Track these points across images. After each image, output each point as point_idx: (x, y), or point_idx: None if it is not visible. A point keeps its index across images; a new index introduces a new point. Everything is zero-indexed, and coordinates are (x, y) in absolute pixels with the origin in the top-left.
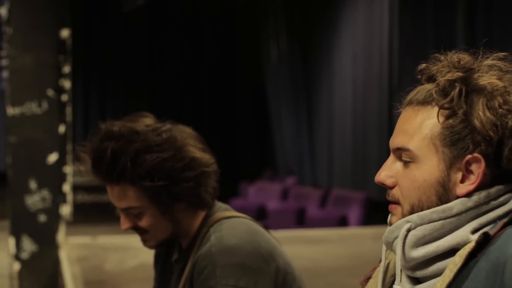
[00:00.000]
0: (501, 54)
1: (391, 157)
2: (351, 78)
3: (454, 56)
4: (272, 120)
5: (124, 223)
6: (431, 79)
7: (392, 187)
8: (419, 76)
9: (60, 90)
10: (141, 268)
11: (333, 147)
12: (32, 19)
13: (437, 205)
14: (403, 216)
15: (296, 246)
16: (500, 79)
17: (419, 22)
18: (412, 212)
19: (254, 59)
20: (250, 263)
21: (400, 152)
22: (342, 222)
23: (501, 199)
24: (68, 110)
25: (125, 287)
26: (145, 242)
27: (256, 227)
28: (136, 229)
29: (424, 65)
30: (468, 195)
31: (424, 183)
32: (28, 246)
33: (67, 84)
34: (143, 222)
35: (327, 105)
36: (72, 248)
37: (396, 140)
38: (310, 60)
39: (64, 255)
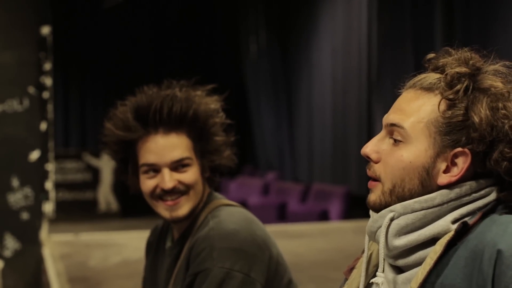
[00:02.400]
0: (508, 63)
1: (382, 133)
2: (330, 73)
3: (466, 54)
4: (252, 116)
5: (171, 180)
6: (438, 69)
7: (376, 162)
8: (426, 65)
9: (41, 88)
10: (124, 264)
11: (313, 142)
12: (12, 16)
13: (418, 189)
14: (383, 193)
15: (278, 240)
16: (504, 84)
17: (397, 17)
18: (392, 191)
19: (233, 54)
20: (246, 248)
21: (393, 128)
22: (323, 216)
23: (482, 192)
24: (50, 107)
25: (109, 283)
26: (179, 208)
27: (252, 216)
28: (173, 191)
29: (433, 54)
30: (450, 186)
31: (409, 165)
32: (11, 244)
33: (48, 81)
34: (190, 176)
35: (307, 100)
36: (55, 245)
37: (392, 116)
38: (289, 55)
39: (47, 253)
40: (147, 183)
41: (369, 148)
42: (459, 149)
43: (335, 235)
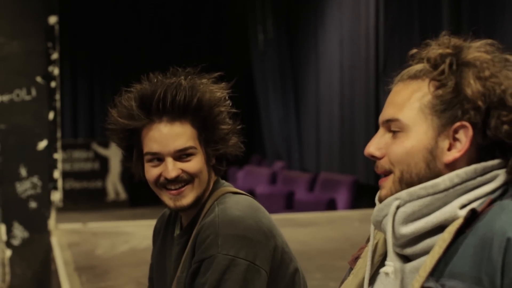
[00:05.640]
0: (489, 41)
1: (380, 131)
2: (338, 63)
3: (444, 38)
4: (259, 105)
5: (173, 170)
6: (421, 60)
7: (381, 158)
8: (410, 62)
9: (49, 77)
10: (132, 252)
11: (321, 131)
12: (19, 6)
13: (425, 172)
14: (393, 183)
15: (285, 229)
16: (487, 53)
17: (405, 6)
18: (401, 179)
19: (241, 44)
20: (251, 236)
21: (389, 123)
22: (330, 205)
23: (488, 176)
24: (57, 96)
25: (116, 272)
26: (182, 197)
27: (258, 204)
28: (177, 180)
29: (415, 50)
30: (456, 168)
31: (412, 149)
32: (19, 232)
33: (55, 70)
34: (193, 166)
35: (314, 90)
36: (63, 234)
37: (385, 113)
38: (297, 45)
39: (55, 241)
40: (151, 172)
41: (372, 147)
42: (458, 123)
43: (342, 224)
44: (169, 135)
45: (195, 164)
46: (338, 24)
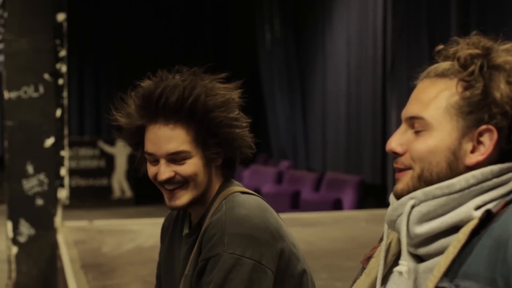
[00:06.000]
0: None
1: (403, 126)
2: (345, 62)
3: (475, 37)
4: (266, 104)
5: (165, 172)
6: (449, 57)
7: (402, 154)
8: (436, 57)
9: (56, 74)
10: (138, 251)
11: (327, 131)
12: (28, 3)
13: (446, 172)
14: (411, 179)
15: (291, 228)
16: None
17: (412, 6)
18: (420, 176)
19: (248, 43)
20: (257, 235)
21: (413, 121)
22: (336, 205)
23: (504, 177)
24: (64, 94)
25: (123, 270)
26: (176, 199)
27: (266, 205)
28: (172, 181)
29: (442, 46)
30: (473, 170)
31: (435, 148)
32: (26, 229)
33: (63, 68)
34: (187, 169)
35: (321, 89)
36: (69, 231)
37: (410, 109)
38: (304, 43)
39: (61, 239)
40: (150, 170)
41: (393, 143)
42: (484, 126)
43: (348, 224)
44: (162, 138)
45: (188, 167)
46: (346, 23)
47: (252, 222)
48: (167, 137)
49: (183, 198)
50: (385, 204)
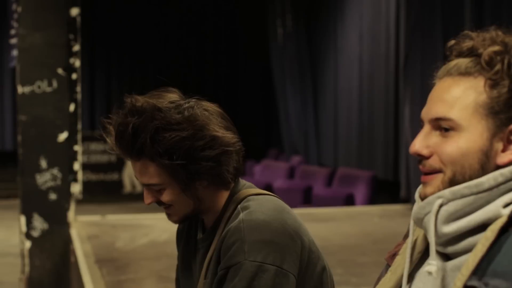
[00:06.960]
0: None
1: (426, 128)
2: (357, 57)
3: (492, 32)
4: (278, 99)
5: (147, 198)
6: (463, 53)
7: (428, 157)
8: (447, 53)
9: (70, 69)
10: (152, 245)
11: (339, 126)
12: None
13: (478, 173)
14: (442, 183)
15: (305, 224)
16: None
17: (427, 2)
18: (452, 180)
19: (260, 38)
20: (277, 240)
21: (439, 122)
22: (348, 200)
23: None
24: (78, 88)
25: (136, 264)
26: (169, 216)
27: (283, 204)
28: (159, 203)
29: (453, 41)
30: (501, 170)
31: (467, 151)
32: (39, 224)
33: (76, 62)
34: (164, 198)
35: (333, 84)
36: (82, 226)
37: (434, 110)
38: (316, 39)
39: (74, 233)
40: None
41: (418, 145)
42: None
43: (361, 220)
44: (136, 170)
45: (166, 196)
46: (358, 18)
47: (271, 227)
48: (139, 171)
49: (175, 216)
50: (398, 200)
